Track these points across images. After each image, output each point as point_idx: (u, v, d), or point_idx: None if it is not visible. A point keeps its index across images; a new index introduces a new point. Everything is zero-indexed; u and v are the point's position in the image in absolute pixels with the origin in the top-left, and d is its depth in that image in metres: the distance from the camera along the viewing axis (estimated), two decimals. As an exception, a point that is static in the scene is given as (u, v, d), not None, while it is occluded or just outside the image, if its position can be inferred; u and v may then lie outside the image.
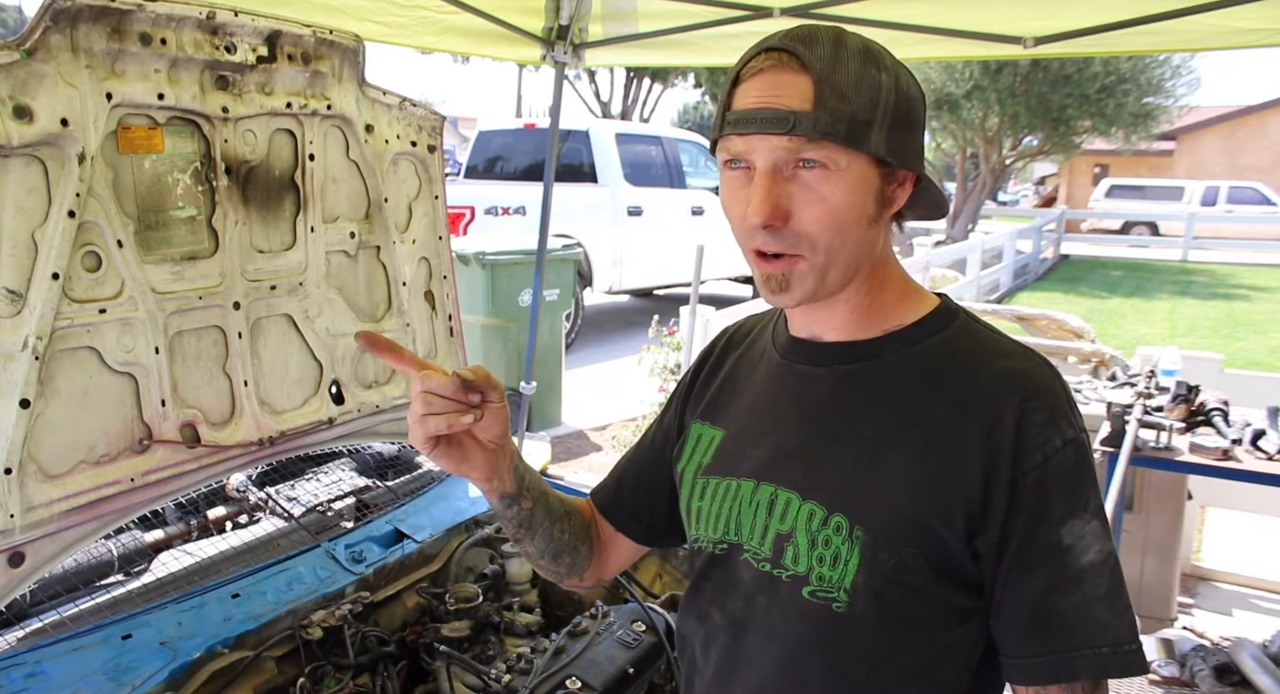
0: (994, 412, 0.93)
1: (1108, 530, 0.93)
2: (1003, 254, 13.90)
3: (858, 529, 0.96)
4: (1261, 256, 18.70)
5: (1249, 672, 2.80)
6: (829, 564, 0.97)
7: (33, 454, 1.51)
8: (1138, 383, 3.43)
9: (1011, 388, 0.95)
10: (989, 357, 0.99)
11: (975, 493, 0.92)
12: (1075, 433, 0.94)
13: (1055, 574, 0.91)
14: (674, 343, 5.61)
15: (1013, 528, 0.92)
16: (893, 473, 0.96)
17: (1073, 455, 0.93)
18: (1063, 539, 0.91)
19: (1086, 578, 0.90)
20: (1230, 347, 9.47)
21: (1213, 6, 2.68)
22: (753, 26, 3.40)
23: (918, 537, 0.94)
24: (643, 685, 1.66)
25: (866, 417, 1.00)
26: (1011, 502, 0.92)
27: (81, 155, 1.50)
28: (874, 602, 0.95)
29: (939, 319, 1.03)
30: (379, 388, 2.20)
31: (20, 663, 1.47)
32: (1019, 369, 0.97)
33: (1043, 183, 31.86)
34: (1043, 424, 0.92)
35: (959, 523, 0.93)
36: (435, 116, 2.23)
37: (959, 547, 0.93)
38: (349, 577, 1.83)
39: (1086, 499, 0.93)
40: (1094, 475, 0.95)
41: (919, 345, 1.01)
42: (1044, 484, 0.92)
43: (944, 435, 0.94)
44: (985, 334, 1.02)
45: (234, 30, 1.69)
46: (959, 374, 0.98)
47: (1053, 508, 0.92)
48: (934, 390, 0.98)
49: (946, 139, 20.38)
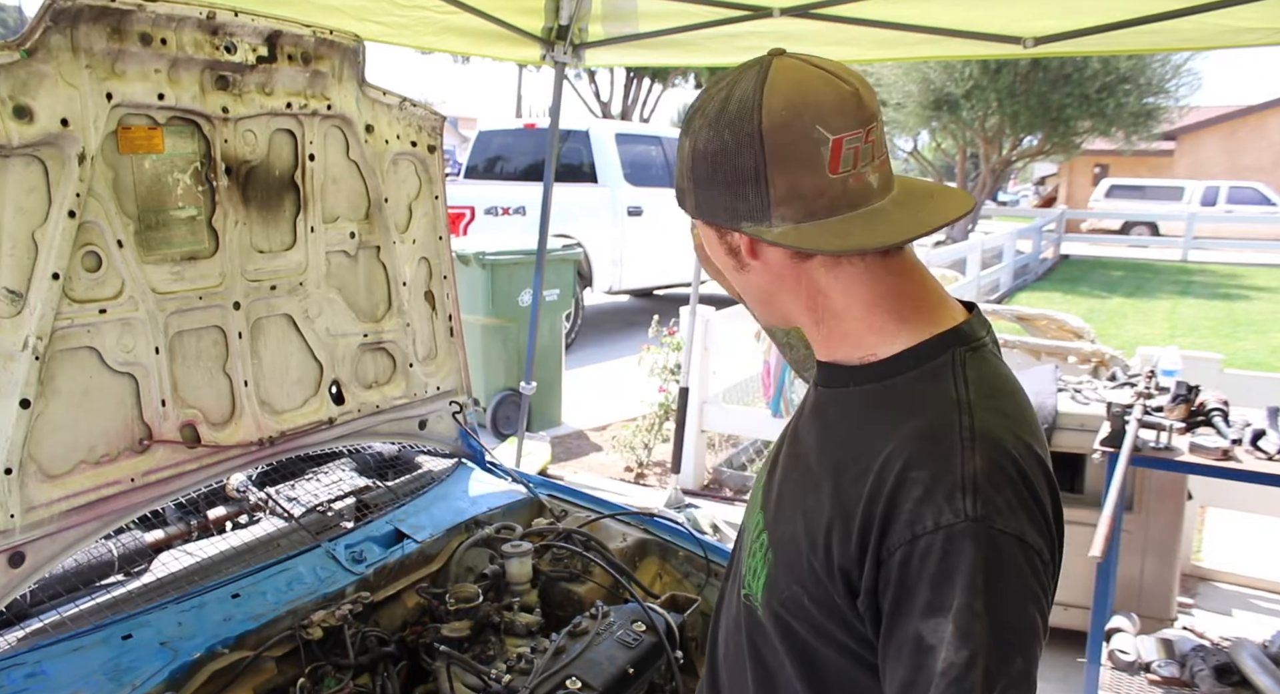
0: (882, 475, 0.87)
1: (967, 639, 0.78)
2: (1003, 254, 13.89)
3: (771, 551, 0.99)
4: (1261, 256, 18.70)
5: (1249, 672, 2.80)
6: (753, 574, 1.02)
7: (33, 454, 1.51)
8: (1138, 383, 3.43)
9: (905, 452, 0.86)
10: (914, 410, 0.90)
11: (851, 555, 0.87)
12: (958, 519, 0.81)
13: (911, 672, 0.81)
14: (674, 343, 5.60)
15: (881, 604, 0.85)
16: (806, 509, 0.95)
17: (943, 542, 0.81)
18: (924, 636, 0.80)
19: (934, 686, 0.79)
20: (1230, 347, 9.47)
21: (1213, 6, 2.69)
22: (753, 26, 3.40)
23: (805, 577, 0.92)
24: (643, 685, 1.66)
25: (817, 446, 1.00)
26: (880, 576, 0.85)
27: (81, 155, 1.50)
28: (776, 622, 0.98)
29: (914, 357, 0.94)
30: (379, 388, 2.20)
31: (20, 663, 1.46)
32: (926, 431, 0.87)
33: (1043, 183, 31.85)
34: (918, 499, 0.83)
35: (838, 578, 0.89)
36: (435, 116, 2.23)
37: (844, 602, 0.89)
38: (349, 577, 1.83)
39: (951, 597, 0.79)
40: (978, 573, 0.80)
41: (880, 383, 0.95)
42: (910, 567, 0.82)
43: (848, 487, 0.90)
44: (945, 383, 0.91)
45: (234, 30, 1.69)
46: (884, 424, 0.91)
47: (917, 597, 0.81)
48: (862, 437, 0.92)
49: (946, 139, 20.38)
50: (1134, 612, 3.31)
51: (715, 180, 0.93)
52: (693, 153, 0.95)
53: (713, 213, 0.96)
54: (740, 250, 0.98)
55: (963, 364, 0.93)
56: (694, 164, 0.95)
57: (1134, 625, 3.19)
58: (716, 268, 1.08)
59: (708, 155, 0.93)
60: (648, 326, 5.97)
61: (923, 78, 17.11)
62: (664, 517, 2.26)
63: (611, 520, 2.21)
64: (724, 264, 1.02)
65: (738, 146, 0.90)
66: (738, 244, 0.98)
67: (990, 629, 0.79)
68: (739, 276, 1.02)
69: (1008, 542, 0.82)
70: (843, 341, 0.98)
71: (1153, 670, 2.95)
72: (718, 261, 1.03)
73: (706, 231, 1.01)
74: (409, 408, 2.27)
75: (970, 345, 0.95)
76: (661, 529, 2.17)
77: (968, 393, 0.90)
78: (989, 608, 0.80)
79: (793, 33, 3.39)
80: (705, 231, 1.01)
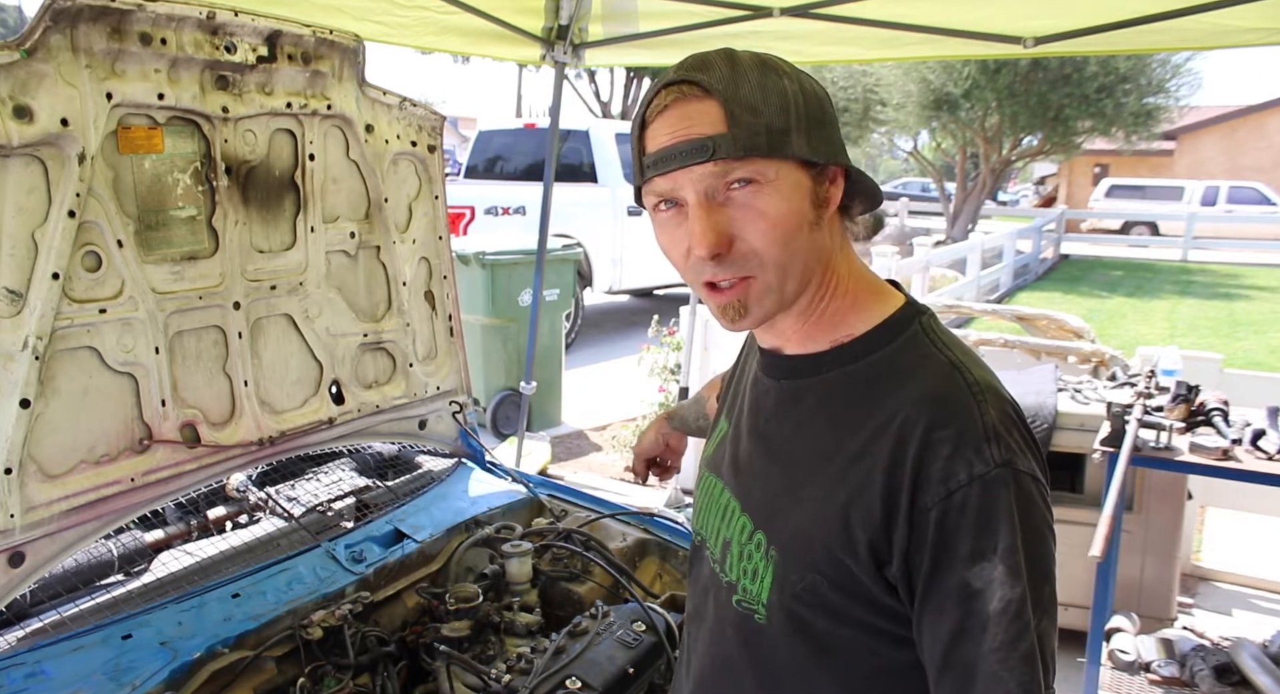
0: (899, 441, 0.88)
1: (1018, 575, 0.84)
2: (1003, 254, 13.89)
3: (773, 549, 0.97)
4: (1261, 256, 18.69)
5: (1249, 672, 2.80)
6: (750, 578, 1.00)
7: (33, 454, 1.51)
8: (1138, 383, 3.43)
9: (921, 414, 0.88)
10: (912, 377, 0.93)
11: (877, 526, 0.88)
12: (989, 467, 0.85)
13: (963, 620, 0.85)
14: (674, 343, 5.60)
15: (917, 564, 0.87)
16: (808, 499, 0.95)
17: (980, 491, 0.84)
18: (970, 582, 0.84)
19: (989, 627, 0.83)
20: (1230, 347, 9.47)
21: (1213, 6, 2.69)
22: (753, 26, 3.40)
23: (824, 564, 0.92)
24: (643, 685, 1.66)
25: (799, 436, 1.00)
26: (912, 538, 0.87)
27: (81, 155, 1.50)
28: (788, 619, 0.96)
29: (888, 331, 0.98)
30: (379, 388, 2.20)
31: (20, 663, 1.46)
32: (936, 393, 0.90)
33: (1043, 183, 31.84)
34: (947, 456, 0.86)
35: (863, 554, 0.89)
36: (435, 116, 2.23)
37: (870, 577, 0.90)
38: (349, 577, 1.83)
39: (996, 540, 0.84)
40: (1015, 513, 0.85)
41: (859, 362, 0.97)
42: (947, 521, 0.85)
43: (856, 464, 0.91)
44: (929, 349, 0.95)
45: (234, 30, 1.69)
46: (880, 397, 0.93)
47: (959, 547, 0.85)
48: (857, 414, 0.94)
49: (946, 139, 20.37)
50: (1134, 611, 3.31)
51: (828, 119, 0.94)
52: (801, 91, 0.92)
53: (830, 151, 0.93)
54: (830, 201, 0.96)
55: (932, 331, 0.98)
56: (806, 102, 0.92)
57: (1134, 625, 3.19)
58: (783, 227, 0.92)
59: (818, 95, 0.94)
60: (648, 326, 5.97)
61: (922, 78, 17.09)
62: (664, 517, 2.26)
63: (611, 520, 2.21)
64: (803, 221, 0.93)
65: (824, 92, 0.96)
66: (828, 194, 0.95)
67: (1028, 562, 0.84)
68: (811, 238, 0.94)
69: (1026, 480, 0.87)
70: (825, 325, 1.00)
71: (1153, 670, 2.95)
72: (795, 220, 0.92)
73: (801, 179, 0.92)
74: (409, 408, 2.27)
75: (925, 315, 1.00)
76: (661, 529, 2.17)
77: (953, 354, 0.95)
78: (1025, 543, 0.84)
79: (793, 32, 3.39)
80: (798, 179, 0.92)
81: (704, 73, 0.90)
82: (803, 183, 0.92)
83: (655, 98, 0.93)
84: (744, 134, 0.88)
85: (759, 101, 0.89)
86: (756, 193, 0.90)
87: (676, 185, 0.92)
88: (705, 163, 0.89)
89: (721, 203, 0.91)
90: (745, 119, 0.89)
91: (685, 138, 0.90)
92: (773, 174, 0.90)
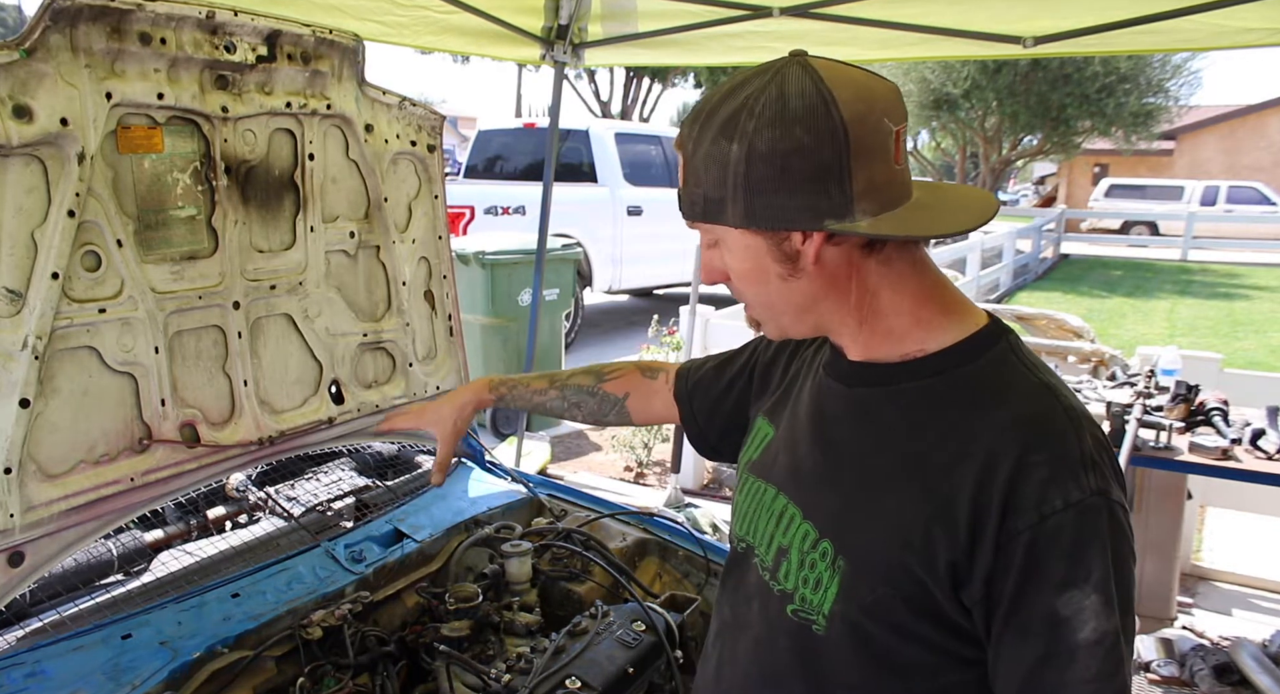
0: (991, 462, 0.87)
1: (1112, 606, 0.84)
2: (1002, 254, 13.89)
3: (840, 559, 0.95)
4: (1261, 256, 18.70)
5: (1249, 671, 2.80)
6: (811, 587, 0.97)
7: (32, 454, 1.51)
8: (1137, 383, 3.43)
9: (1016, 437, 0.87)
10: (1007, 398, 0.91)
11: (961, 546, 0.87)
12: (1086, 495, 0.84)
13: (1048, 647, 0.84)
14: (674, 343, 5.61)
15: (1000, 589, 0.86)
16: (886, 511, 0.93)
17: (1075, 519, 0.83)
18: (1059, 610, 0.83)
19: (1079, 656, 0.83)
20: (1230, 346, 9.47)
21: (1213, 6, 2.68)
22: (753, 26, 3.40)
23: (898, 578, 0.91)
24: (643, 685, 1.66)
25: (877, 447, 0.97)
26: (998, 561, 0.85)
27: (81, 155, 1.50)
28: (851, 632, 0.94)
29: (973, 347, 0.96)
30: (379, 388, 2.20)
31: (20, 663, 1.46)
32: (1032, 415, 0.89)
33: (1043, 182, 31.86)
34: (1043, 481, 0.85)
35: (942, 572, 0.88)
36: (435, 116, 2.23)
37: (944, 595, 0.89)
38: (349, 576, 1.83)
39: (1090, 569, 0.83)
40: (1109, 543, 0.84)
41: (940, 376, 0.95)
42: (1037, 547, 0.84)
43: (941, 481, 0.89)
44: (1019, 369, 0.94)
45: (234, 30, 1.69)
46: (970, 415, 0.91)
47: (1049, 574, 0.84)
48: (942, 430, 0.92)
49: (946, 139, 20.38)
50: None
51: (787, 181, 0.88)
52: (749, 156, 0.88)
53: (781, 218, 0.90)
54: (801, 255, 0.92)
55: (1019, 351, 0.97)
56: (750, 168, 0.88)
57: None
58: (747, 280, 0.97)
59: (776, 156, 0.88)
60: (648, 326, 5.97)
61: (922, 78, 17.11)
62: (664, 516, 2.26)
63: (611, 520, 2.21)
64: (768, 274, 0.95)
65: (817, 142, 0.87)
66: (797, 249, 0.92)
67: (1119, 593, 0.84)
68: (784, 286, 0.95)
69: (1118, 509, 0.87)
70: (885, 339, 0.99)
71: (1152, 670, 2.95)
72: (756, 275, 0.95)
73: (751, 242, 0.93)
74: (409, 407, 2.27)
75: (1010, 334, 0.99)
76: (661, 529, 2.17)
77: (1045, 376, 0.94)
78: (1117, 574, 0.84)
79: (792, 32, 3.39)
80: (748, 242, 0.93)
81: (687, 126, 0.96)
82: (754, 244, 0.94)
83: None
84: (685, 201, 0.96)
85: (700, 170, 0.93)
86: (720, 250, 0.98)
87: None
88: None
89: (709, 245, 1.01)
90: (689, 186, 0.95)
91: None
92: (723, 234, 0.96)
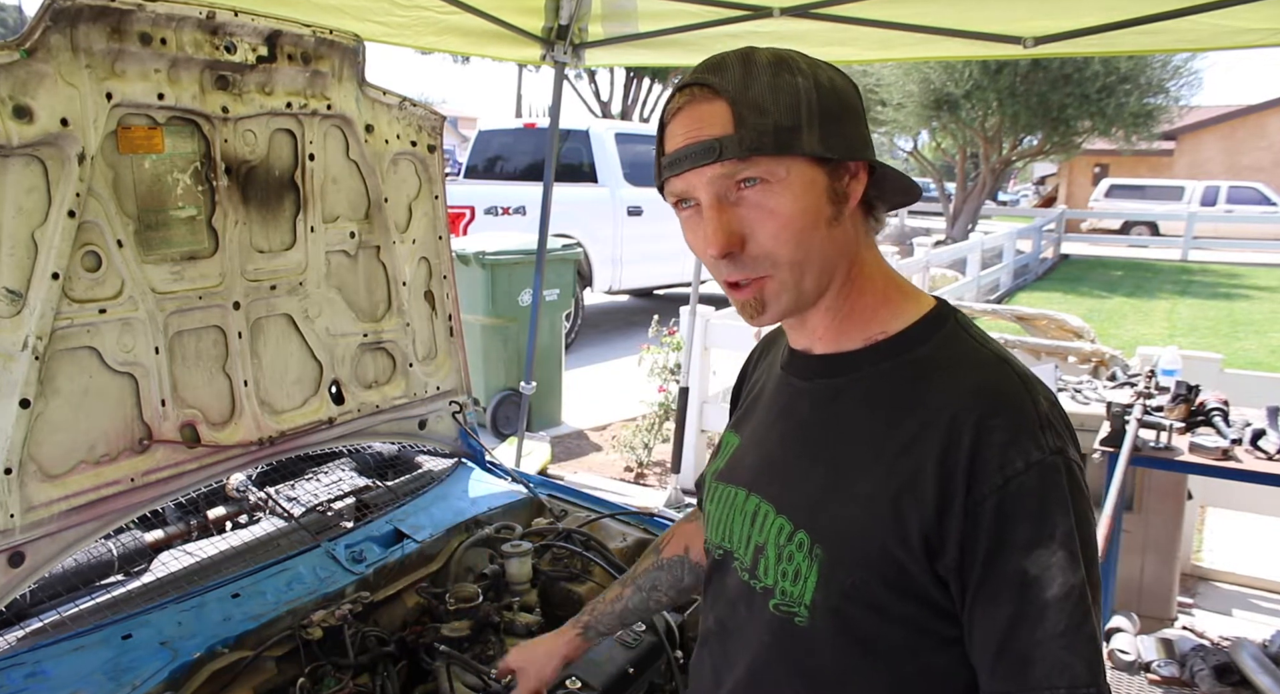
0: (952, 431, 0.89)
1: (1077, 561, 0.86)
2: (1003, 254, 13.89)
3: (817, 548, 0.96)
4: (1261, 256, 18.69)
5: (1249, 672, 2.80)
6: (791, 579, 0.98)
7: (33, 454, 1.51)
8: (1138, 383, 3.43)
9: (973, 405, 0.90)
10: (959, 370, 0.94)
11: (930, 516, 0.89)
12: (1045, 454, 0.87)
13: (1020, 606, 0.86)
14: (674, 343, 5.60)
15: (972, 553, 0.88)
16: (857, 494, 0.94)
17: (1037, 479, 0.86)
18: (1027, 569, 0.86)
19: (1049, 613, 0.85)
20: (1230, 346, 9.47)
21: (1213, 6, 2.68)
22: (753, 26, 3.40)
23: (876, 560, 0.92)
24: (643, 685, 1.66)
25: (842, 435, 0.99)
26: (968, 526, 0.87)
27: (81, 155, 1.50)
28: (833, 619, 0.95)
29: (924, 328, 0.99)
30: (379, 388, 2.20)
31: (20, 663, 1.46)
32: (985, 383, 0.92)
33: (1043, 183, 31.84)
34: (1003, 444, 0.87)
35: (917, 546, 0.90)
36: (435, 116, 2.23)
37: (921, 571, 0.90)
38: (349, 577, 1.83)
39: (1054, 527, 0.86)
40: (1070, 499, 0.87)
41: (897, 359, 0.98)
42: (1004, 509, 0.86)
43: (906, 456, 0.91)
44: (969, 344, 0.97)
45: (234, 30, 1.69)
46: (927, 391, 0.94)
47: (1016, 535, 0.86)
48: (902, 409, 0.94)
49: (946, 139, 20.37)
50: (1134, 611, 3.30)
51: (848, 113, 0.94)
52: (817, 87, 0.92)
53: (851, 147, 0.93)
54: (850, 195, 0.96)
55: (969, 328, 1.00)
56: (821, 97, 0.91)
57: (1134, 625, 3.19)
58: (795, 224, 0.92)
59: (836, 89, 0.93)
60: (648, 326, 5.97)
61: (923, 78, 17.08)
62: (664, 517, 2.26)
63: (611, 520, 2.21)
64: (819, 217, 0.93)
65: (848, 85, 0.95)
66: (847, 189, 0.95)
67: (1083, 546, 0.87)
68: (828, 234, 0.94)
69: (1075, 467, 0.90)
70: (856, 321, 1.00)
71: (1152, 670, 2.95)
72: (808, 216, 0.92)
73: (815, 177, 0.92)
74: (409, 408, 2.27)
75: (958, 314, 1.02)
76: (661, 529, 2.17)
77: (997, 348, 0.98)
78: (1078, 527, 0.87)
79: (793, 33, 3.39)
80: (813, 177, 0.92)
81: (716, 74, 0.92)
82: (817, 180, 0.93)
83: (672, 100, 0.96)
84: (750, 135, 0.90)
85: (767, 101, 0.90)
86: (766, 192, 0.92)
87: (690, 186, 0.94)
88: (714, 163, 0.91)
89: (734, 202, 0.93)
90: (751, 120, 0.90)
91: (695, 139, 0.92)
92: (783, 172, 0.91)
